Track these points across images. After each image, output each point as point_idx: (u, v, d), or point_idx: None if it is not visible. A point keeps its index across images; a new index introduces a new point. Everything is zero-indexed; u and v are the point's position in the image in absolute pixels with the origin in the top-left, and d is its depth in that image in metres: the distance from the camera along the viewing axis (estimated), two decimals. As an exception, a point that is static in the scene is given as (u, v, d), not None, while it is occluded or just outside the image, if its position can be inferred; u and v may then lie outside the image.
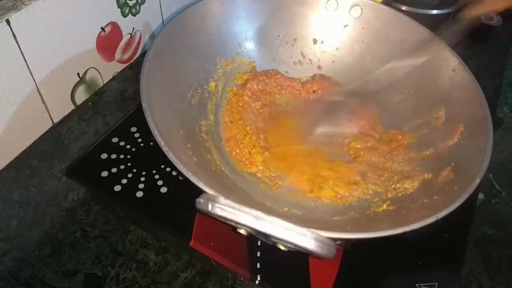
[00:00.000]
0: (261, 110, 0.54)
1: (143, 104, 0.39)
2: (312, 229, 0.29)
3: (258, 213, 0.29)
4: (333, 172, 0.48)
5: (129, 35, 0.63)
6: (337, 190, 0.46)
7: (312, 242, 0.29)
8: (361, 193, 0.46)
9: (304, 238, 0.29)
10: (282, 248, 0.33)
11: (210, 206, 0.30)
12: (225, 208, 0.30)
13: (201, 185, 0.33)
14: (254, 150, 0.49)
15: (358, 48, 0.58)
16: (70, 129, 0.56)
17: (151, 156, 0.49)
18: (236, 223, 0.30)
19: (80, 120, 0.58)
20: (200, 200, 0.31)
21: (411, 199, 0.43)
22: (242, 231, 0.33)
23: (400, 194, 0.44)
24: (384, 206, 0.43)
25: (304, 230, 0.29)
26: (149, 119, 0.37)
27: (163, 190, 0.47)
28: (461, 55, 0.49)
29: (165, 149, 0.36)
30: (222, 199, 0.30)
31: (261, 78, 0.56)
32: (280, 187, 0.47)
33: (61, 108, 0.57)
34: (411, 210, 0.40)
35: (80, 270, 0.43)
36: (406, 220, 0.35)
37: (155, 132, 0.37)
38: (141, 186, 0.47)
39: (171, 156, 0.35)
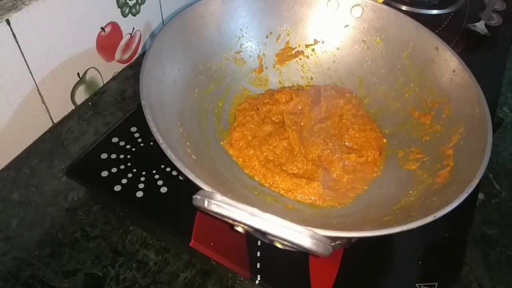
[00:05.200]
0: (262, 116, 0.54)
1: (143, 102, 0.39)
2: (308, 227, 0.29)
3: (254, 210, 0.29)
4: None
5: (129, 35, 0.63)
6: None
7: (308, 240, 0.29)
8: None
9: (300, 236, 0.29)
10: (279, 246, 0.33)
11: (206, 202, 0.30)
12: (221, 205, 0.30)
13: (198, 182, 0.33)
14: (252, 152, 0.49)
15: (359, 48, 0.58)
16: (70, 129, 0.56)
17: (151, 156, 0.49)
18: (233, 220, 0.30)
19: (80, 120, 0.58)
20: (197, 197, 0.31)
21: (411, 200, 0.43)
22: (239, 228, 0.33)
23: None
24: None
25: (300, 228, 0.29)
26: (148, 116, 0.37)
27: (163, 190, 0.47)
28: (461, 56, 0.49)
29: (163, 146, 0.36)
30: (218, 196, 0.30)
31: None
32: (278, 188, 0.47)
33: (61, 108, 0.57)
34: (410, 210, 0.40)
35: (80, 270, 0.43)
36: (404, 220, 0.35)
37: (154, 129, 0.37)
38: (141, 186, 0.47)
39: (169, 153, 0.35)
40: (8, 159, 0.51)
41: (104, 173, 0.47)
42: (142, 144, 0.51)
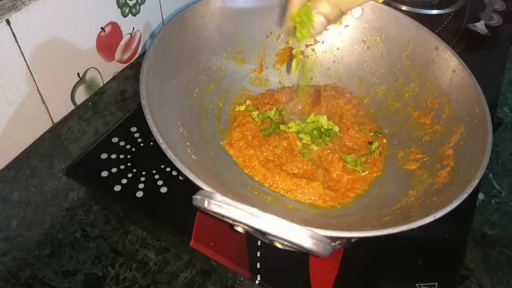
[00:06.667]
0: (261, 116, 0.54)
1: (143, 102, 0.39)
2: (308, 227, 0.29)
3: (254, 210, 0.29)
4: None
5: (129, 35, 0.63)
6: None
7: (307, 240, 0.29)
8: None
9: (300, 236, 0.29)
10: (279, 246, 0.33)
11: (206, 202, 0.30)
12: (221, 205, 0.30)
13: (198, 182, 0.33)
14: (252, 152, 0.49)
15: (359, 48, 0.58)
16: (70, 129, 0.56)
17: (151, 156, 0.49)
18: (233, 220, 0.30)
19: (80, 120, 0.58)
20: (197, 197, 0.31)
21: (411, 200, 0.43)
22: (239, 228, 0.33)
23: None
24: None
25: (300, 228, 0.29)
26: (148, 116, 0.37)
27: (163, 190, 0.47)
28: (461, 56, 0.49)
29: (163, 146, 0.36)
30: (218, 196, 0.30)
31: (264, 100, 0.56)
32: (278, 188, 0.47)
33: (61, 108, 0.57)
34: (410, 210, 0.40)
35: (80, 270, 0.43)
36: (404, 220, 0.35)
37: (154, 130, 0.37)
38: (141, 186, 0.47)
39: (169, 153, 0.35)
40: (8, 159, 0.51)
41: (104, 173, 0.47)
42: (142, 144, 0.51)
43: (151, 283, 0.42)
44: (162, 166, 0.49)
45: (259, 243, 0.43)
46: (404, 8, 0.74)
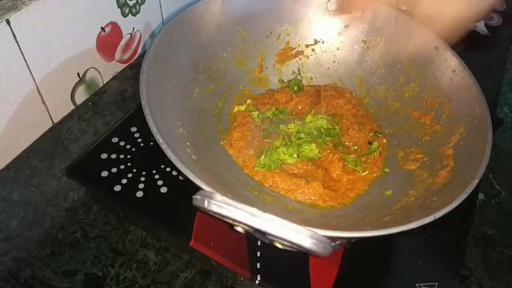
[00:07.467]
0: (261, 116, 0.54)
1: (143, 102, 0.39)
2: (308, 227, 0.29)
3: (254, 210, 0.29)
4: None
5: (129, 35, 0.63)
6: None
7: (307, 240, 0.29)
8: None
9: (300, 236, 0.29)
10: (279, 246, 0.33)
11: (206, 202, 0.30)
12: (221, 205, 0.30)
13: (198, 182, 0.33)
14: (252, 152, 0.49)
15: (359, 48, 0.58)
16: (70, 129, 0.56)
17: (151, 156, 0.49)
18: (233, 220, 0.30)
19: (80, 120, 0.58)
20: (197, 197, 0.31)
21: (411, 200, 0.43)
22: (239, 228, 0.33)
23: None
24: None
25: (300, 228, 0.29)
26: (148, 116, 0.37)
27: (163, 190, 0.47)
28: (461, 56, 0.49)
29: (163, 146, 0.36)
30: (218, 196, 0.30)
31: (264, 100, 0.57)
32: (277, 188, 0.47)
33: (61, 108, 0.57)
34: (410, 210, 0.40)
35: (80, 270, 0.43)
36: (404, 220, 0.35)
37: (154, 130, 0.37)
38: (141, 186, 0.47)
39: (169, 153, 0.35)
40: (8, 159, 0.51)
41: (104, 173, 0.47)
42: (142, 144, 0.51)
43: (151, 283, 0.42)
44: (162, 166, 0.49)
45: (259, 243, 0.43)
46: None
